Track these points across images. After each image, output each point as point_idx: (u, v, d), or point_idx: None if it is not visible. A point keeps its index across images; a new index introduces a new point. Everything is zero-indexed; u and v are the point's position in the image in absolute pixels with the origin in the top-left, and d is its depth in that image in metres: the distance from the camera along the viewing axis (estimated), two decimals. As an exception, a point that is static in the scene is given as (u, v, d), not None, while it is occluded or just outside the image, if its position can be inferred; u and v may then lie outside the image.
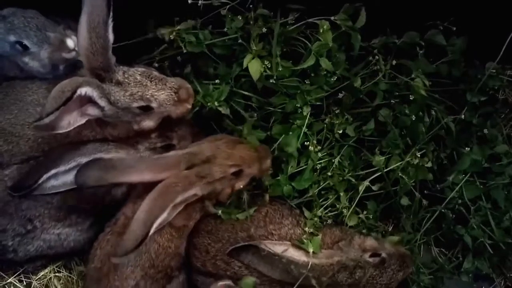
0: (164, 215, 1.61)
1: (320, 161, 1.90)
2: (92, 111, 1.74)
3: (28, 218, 1.85)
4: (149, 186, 1.68)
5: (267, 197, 1.91)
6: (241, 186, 1.84)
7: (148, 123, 1.87)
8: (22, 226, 1.85)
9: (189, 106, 1.87)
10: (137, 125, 1.88)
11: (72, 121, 1.67)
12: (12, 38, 1.83)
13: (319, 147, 1.90)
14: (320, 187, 1.91)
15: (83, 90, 1.63)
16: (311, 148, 1.86)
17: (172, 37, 1.95)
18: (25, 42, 1.83)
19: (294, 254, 1.74)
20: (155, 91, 1.79)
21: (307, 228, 1.84)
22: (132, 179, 1.70)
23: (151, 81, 1.79)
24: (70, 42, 1.86)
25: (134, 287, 1.74)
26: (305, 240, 1.76)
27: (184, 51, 1.96)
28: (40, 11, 1.89)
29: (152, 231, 1.56)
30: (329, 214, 1.91)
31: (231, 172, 1.78)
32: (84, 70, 1.76)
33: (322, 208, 1.89)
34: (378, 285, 1.81)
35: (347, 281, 1.77)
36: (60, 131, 1.65)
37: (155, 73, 1.84)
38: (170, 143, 1.96)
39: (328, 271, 1.75)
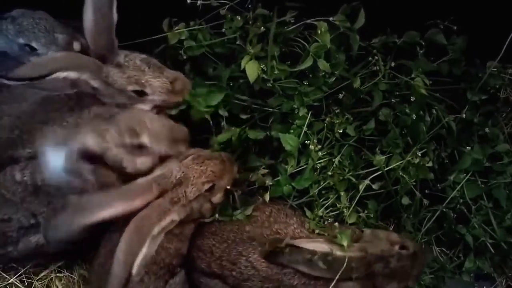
0: (144, 250, 1.54)
1: (320, 161, 1.89)
2: (84, 87, 1.79)
3: (31, 212, 1.85)
4: None
5: (267, 196, 1.89)
6: (219, 200, 1.83)
7: (142, 107, 1.89)
8: (26, 218, 1.85)
9: (181, 99, 1.89)
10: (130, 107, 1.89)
11: (59, 87, 1.73)
12: (21, 40, 1.87)
13: (319, 146, 1.90)
14: (321, 187, 1.90)
15: (63, 74, 1.67)
16: (311, 147, 1.86)
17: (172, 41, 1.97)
18: (33, 44, 1.87)
19: (329, 249, 1.72)
20: (151, 77, 1.83)
21: (312, 227, 1.84)
22: (104, 215, 1.57)
23: (149, 67, 1.84)
24: (76, 45, 1.91)
25: (139, 282, 1.74)
26: (338, 235, 1.75)
27: (184, 57, 1.97)
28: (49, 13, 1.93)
29: (134, 270, 1.51)
30: (330, 214, 1.90)
31: (205, 189, 1.76)
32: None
33: (323, 208, 1.89)
34: (411, 277, 1.81)
35: (384, 271, 1.76)
36: (46, 91, 1.71)
37: (155, 61, 1.88)
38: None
39: (365, 263, 1.74)
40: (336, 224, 1.86)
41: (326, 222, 1.89)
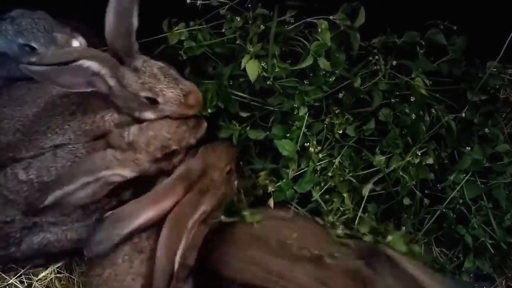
0: (182, 244, 1.63)
1: (320, 162, 1.89)
2: (100, 85, 1.78)
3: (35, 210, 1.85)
4: None
5: (271, 202, 1.90)
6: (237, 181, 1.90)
7: (150, 115, 1.89)
8: (29, 218, 1.86)
9: (192, 113, 1.90)
10: (139, 113, 1.89)
11: (76, 84, 1.73)
12: (20, 40, 1.87)
13: (319, 148, 1.89)
14: (323, 189, 1.90)
15: (87, 64, 1.68)
16: (311, 149, 1.86)
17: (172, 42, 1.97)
18: (33, 44, 1.87)
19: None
20: (165, 87, 1.82)
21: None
22: (138, 222, 1.67)
23: (165, 77, 1.83)
24: (75, 43, 1.91)
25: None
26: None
27: (185, 57, 1.97)
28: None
29: (176, 265, 1.59)
30: (339, 219, 1.90)
31: (226, 172, 1.83)
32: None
33: (332, 214, 1.88)
34: None
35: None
36: (62, 88, 1.73)
37: (172, 71, 1.87)
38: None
39: None
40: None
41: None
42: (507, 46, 1.82)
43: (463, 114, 1.96)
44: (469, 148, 1.96)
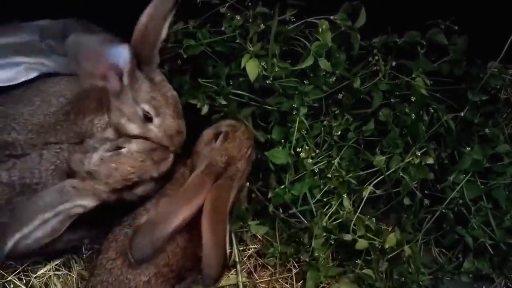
0: (228, 227, 1.64)
1: (319, 165, 1.89)
2: (112, 81, 1.76)
3: None
4: None
5: (271, 207, 1.93)
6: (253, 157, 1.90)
7: (134, 129, 1.85)
8: None
9: (170, 149, 1.86)
10: (125, 121, 1.85)
11: (93, 71, 1.71)
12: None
13: (316, 151, 1.89)
14: (322, 191, 1.91)
15: (120, 49, 1.68)
16: (302, 154, 1.86)
17: (170, 44, 1.97)
18: None
19: None
20: (168, 114, 1.81)
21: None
22: (176, 223, 1.64)
23: (174, 106, 1.82)
24: None
25: (146, 283, 1.73)
26: None
27: (185, 56, 1.96)
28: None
29: (228, 249, 1.60)
30: (333, 222, 1.90)
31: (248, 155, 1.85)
32: None
33: (326, 217, 1.89)
34: None
35: None
36: (77, 72, 1.71)
37: (180, 105, 1.86)
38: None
39: None
40: None
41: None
42: (508, 47, 1.81)
43: (464, 114, 1.95)
44: (469, 148, 1.96)
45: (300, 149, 1.87)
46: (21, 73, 1.93)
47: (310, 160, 1.86)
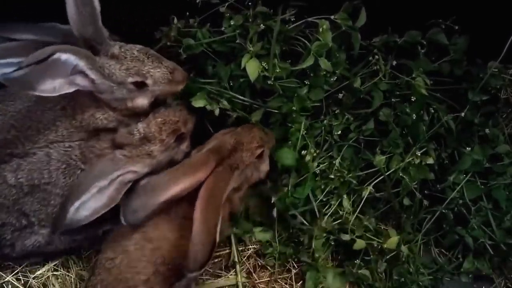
0: (220, 216, 1.63)
1: (320, 166, 1.89)
2: (81, 81, 1.73)
3: (23, 212, 1.83)
4: None
5: (274, 212, 1.94)
6: (267, 168, 1.91)
7: (142, 100, 1.86)
8: (18, 220, 1.84)
9: (179, 89, 1.88)
10: (131, 103, 1.86)
11: (57, 87, 1.66)
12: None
13: (316, 152, 1.88)
14: (324, 192, 1.90)
15: (64, 56, 1.62)
16: (308, 157, 1.85)
17: (169, 43, 1.96)
18: None
19: None
20: (151, 68, 1.79)
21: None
22: (174, 191, 1.67)
23: (148, 58, 1.80)
24: None
25: (145, 281, 1.73)
26: None
27: (184, 55, 1.95)
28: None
29: (218, 237, 1.58)
30: (334, 223, 1.90)
31: (257, 155, 1.84)
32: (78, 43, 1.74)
33: (326, 218, 1.88)
34: None
35: None
36: (44, 94, 1.65)
37: (152, 51, 1.84)
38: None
39: None
40: None
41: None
42: (508, 46, 1.81)
43: (464, 114, 1.95)
44: (469, 148, 1.96)
45: (305, 151, 1.87)
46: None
47: (313, 163, 1.86)
